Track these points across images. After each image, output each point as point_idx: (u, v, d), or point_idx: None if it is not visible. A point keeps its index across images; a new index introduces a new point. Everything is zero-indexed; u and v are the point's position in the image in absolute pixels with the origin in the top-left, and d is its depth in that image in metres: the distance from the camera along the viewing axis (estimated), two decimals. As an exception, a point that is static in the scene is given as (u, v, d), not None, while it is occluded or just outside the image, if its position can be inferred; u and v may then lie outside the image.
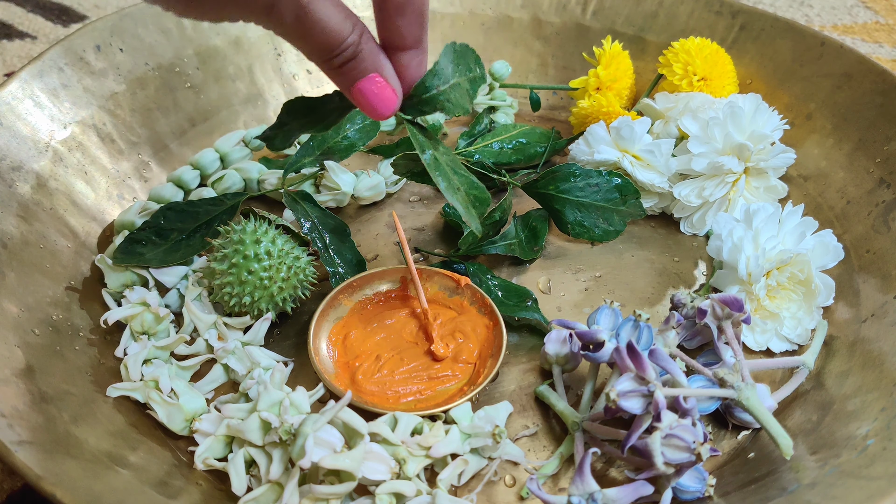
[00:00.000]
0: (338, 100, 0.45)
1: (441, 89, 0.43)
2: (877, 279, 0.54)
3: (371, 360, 0.50)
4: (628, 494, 0.40)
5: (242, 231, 0.49)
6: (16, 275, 0.50)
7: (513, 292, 0.55)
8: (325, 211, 0.56)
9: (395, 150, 0.69)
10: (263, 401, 0.44)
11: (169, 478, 0.43)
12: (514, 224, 0.60)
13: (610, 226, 0.60)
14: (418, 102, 0.43)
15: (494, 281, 0.56)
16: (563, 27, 0.75)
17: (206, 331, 0.51)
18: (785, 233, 0.54)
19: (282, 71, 0.71)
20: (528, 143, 0.67)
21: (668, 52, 0.66)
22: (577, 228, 0.59)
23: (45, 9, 0.92)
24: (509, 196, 0.61)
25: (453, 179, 0.45)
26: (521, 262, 0.59)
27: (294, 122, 0.46)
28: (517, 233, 0.59)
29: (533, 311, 0.53)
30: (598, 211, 0.59)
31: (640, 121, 0.62)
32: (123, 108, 0.62)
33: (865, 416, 0.46)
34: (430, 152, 0.44)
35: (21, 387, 0.44)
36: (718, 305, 0.46)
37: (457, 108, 0.43)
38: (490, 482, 0.46)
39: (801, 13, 0.98)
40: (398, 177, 0.64)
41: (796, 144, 0.64)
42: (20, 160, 0.54)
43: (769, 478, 0.44)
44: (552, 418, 0.49)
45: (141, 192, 0.62)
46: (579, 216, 0.59)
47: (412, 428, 0.44)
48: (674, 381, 0.43)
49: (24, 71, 0.57)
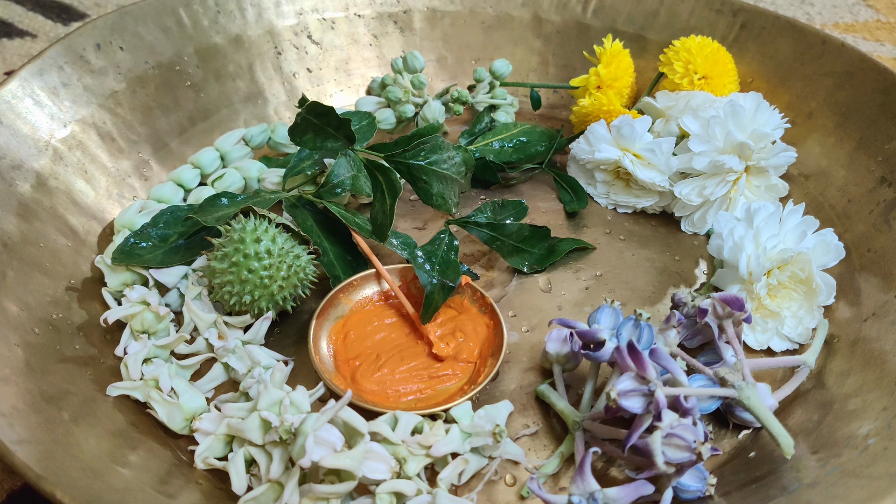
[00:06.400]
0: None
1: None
2: (878, 278, 0.54)
3: (371, 359, 0.50)
4: (629, 494, 0.40)
5: (242, 230, 0.49)
6: (16, 274, 0.50)
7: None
8: (324, 213, 0.57)
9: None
10: (264, 400, 0.44)
11: (169, 477, 0.43)
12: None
13: (455, 197, 0.60)
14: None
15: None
16: (564, 25, 0.75)
17: (206, 330, 0.51)
18: (786, 232, 0.54)
19: (282, 69, 0.71)
20: (529, 142, 0.67)
21: (669, 50, 0.66)
22: (439, 200, 0.58)
23: (45, 7, 0.92)
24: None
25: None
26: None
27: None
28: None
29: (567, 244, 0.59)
30: (454, 184, 0.59)
31: (641, 119, 0.62)
32: (123, 107, 0.62)
33: (866, 416, 0.45)
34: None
35: (21, 386, 0.44)
36: (719, 304, 0.46)
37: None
38: (490, 481, 0.46)
39: (801, 11, 0.98)
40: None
41: (797, 143, 0.64)
42: (20, 159, 0.54)
43: (770, 477, 0.44)
44: (553, 417, 0.49)
45: (141, 191, 0.62)
46: (441, 188, 0.58)
47: (412, 427, 0.44)
48: (674, 380, 0.43)
49: (24, 69, 0.57)
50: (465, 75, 0.75)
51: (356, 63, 0.74)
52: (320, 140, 0.55)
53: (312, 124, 0.53)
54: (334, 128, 0.54)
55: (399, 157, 0.56)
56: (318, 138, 0.55)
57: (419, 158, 0.56)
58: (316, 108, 0.52)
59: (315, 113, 0.53)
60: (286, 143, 0.67)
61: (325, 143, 0.55)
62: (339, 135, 0.55)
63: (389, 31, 0.75)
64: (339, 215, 0.55)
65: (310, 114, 0.52)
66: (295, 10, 0.72)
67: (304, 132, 0.54)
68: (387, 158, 0.57)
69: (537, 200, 0.65)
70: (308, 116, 0.53)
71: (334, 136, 0.55)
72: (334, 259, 0.55)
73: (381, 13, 0.74)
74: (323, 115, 0.53)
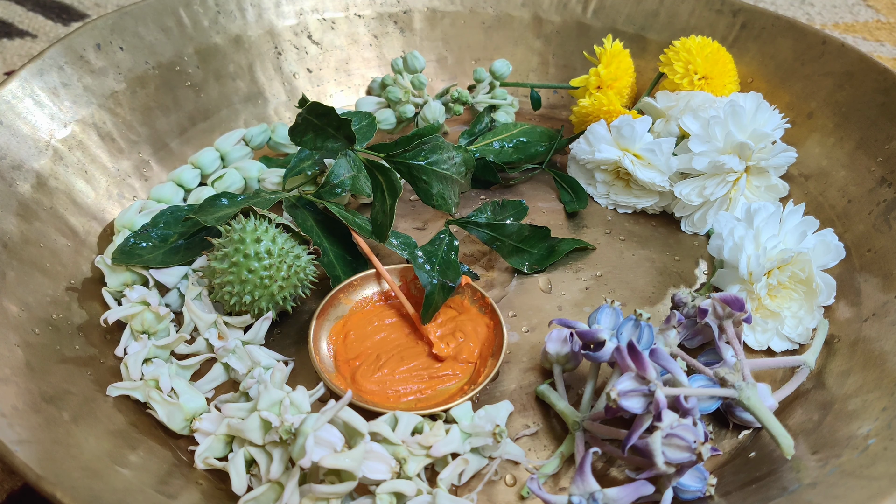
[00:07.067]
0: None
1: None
2: (878, 278, 0.54)
3: (371, 360, 0.50)
4: (629, 494, 0.40)
5: (243, 230, 0.49)
6: (16, 274, 0.50)
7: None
8: (324, 214, 0.57)
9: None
10: (264, 400, 0.44)
11: (169, 477, 0.43)
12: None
13: (455, 198, 0.60)
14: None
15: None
16: (564, 26, 0.75)
17: (206, 330, 0.51)
18: (786, 232, 0.54)
19: (282, 69, 0.71)
20: (529, 142, 0.67)
21: (669, 50, 0.66)
22: (439, 200, 0.58)
23: (46, 7, 0.92)
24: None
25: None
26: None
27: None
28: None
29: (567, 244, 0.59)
30: (454, 184, 0.59)
31: (641, 119, 0.62)
32: (123, 107, 0.62)
33: (866, 416, 0.45)
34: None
35: (21, 386, 0.44)
36: (719, 304, 0.46)
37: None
38: (490, 482, 0.46)
39: (802, 11, 0.98)
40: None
41: (797, 143, 0.64)
42: (20, 159, 0.54)
43: (770, 477, 0.44)
44: (553, 418, 0.49)
45: (141, 191, 0.62)
46: (441, 188, 0.58)
47: (412, 427, 0.44)
48: (674, 380, 0.43)
49: (24, 70, 0.57)
50: (465, 75, 0.75)
51: (356, 63, 0.74)
52: (320, 140, 0.55)
53: (313, 124, 0.53)
54: (334, 128, 0.54)
55: (399, 158, 0.56)
56: (319, 138, 0.55)
57: (419, 158, 0.56)
58: (316, 109, 0.52)
59: (315, 113, 0.53)
60: (286, 143, 0.67)
61: (325, 144, 0.55)
62: (339, 135, 0.55)
63: (389, 31, 0.75)
64: (339, 215, 0.55)
65: (310, 114, 0.53)
66: (295, 10, 0.72)
67: (305, 132, 0.54)
68: (387, 158, 0.57)
69: (537, 200, 0.65)
70: (308, 117, 0.53)
71: (334, 137, 0.55)
72: (334, 259, 0.55)
73: (381, 13, 0.74)
74: (323, 116, 0.53)
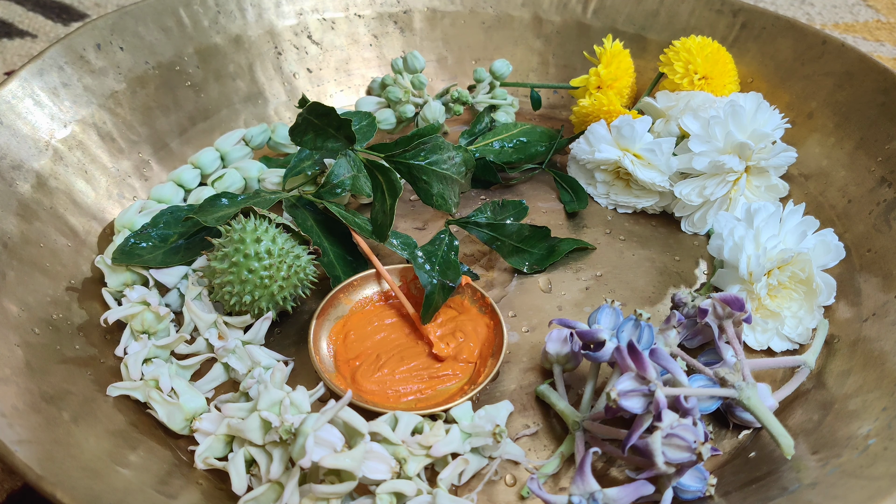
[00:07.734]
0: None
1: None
2: (878, 278, 0.54)
3: (371, 360, 0.50)
4: (629, 494, 0.40)
5: (243, 230, 0.49)
6: (16, 274, 0.50)
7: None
8: (324, 213, 0.57)
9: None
10: (264, 400, 0.44)
11: (169, 477, 0.43)
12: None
13: (455, 198, 0.60)
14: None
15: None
16: (564, 26, 0.75)
17: (206, 330, 0.51)
18: (786, 232, 0.54)
19: (282, 69, 0.71)
20: (529, 142, 0.67)
21: (669, 50, 0.66)
22: (439, 200, 0.58)
23: (46, 7, 0.92)
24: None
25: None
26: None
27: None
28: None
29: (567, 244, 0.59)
30: (454, 184, 0.59)
31: (641, 119, 0.62)
32: (124, 107, 0.62)
33: (867, 416, 0.45)
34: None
35: (21, 386, 0.44)
36: (719, 304, 0.46)
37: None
38: (490, 481, 0.46)
39: (802, 11, 0.98)
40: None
41: (797, 143, 0.64)
42: (20, 159, 0.54)
43: (770, 477, 0.44)
44: (553, 418, 0.49)
45: (141, 191, 0.62)
46: (441, 188, 0.58)
47: (413, 427, 0.44)
48: (675, 380, 0.43)
49: (24, 70, 0.57)
50: (465, 75, 0.75)
51: (356, 63, 0.74)
52: (320, 140, 0.55)
53: (313, 124, 0.53)
54: (335, 128, 0.54)
55: (399, 158, 0.56)
56: (319, 138, 0.55)
57: (419, 158, 0.56)
58: (316, 109, 0.52)
59: (315, 113, 0.53)
60: (286, 143, 0.67)
61: (325, 144, 0.55)
62: (339, 135, 0.55)
63: (389, 31, 0.75)
64: (339, 215, 0.55)
65: (310, 114, 0.53)
66: (295, 10, 0.72)
67: (305, 132, 0.54)
68: (387, 158, 0.57)
69: (537, 200, 0.65)
70: (308, 117, 0.53)
71: (334, 137, 0.55)
72: (334, 259, 0.55)
73: (381, 13, 0.74)
74: (323, 116, 0.53)
